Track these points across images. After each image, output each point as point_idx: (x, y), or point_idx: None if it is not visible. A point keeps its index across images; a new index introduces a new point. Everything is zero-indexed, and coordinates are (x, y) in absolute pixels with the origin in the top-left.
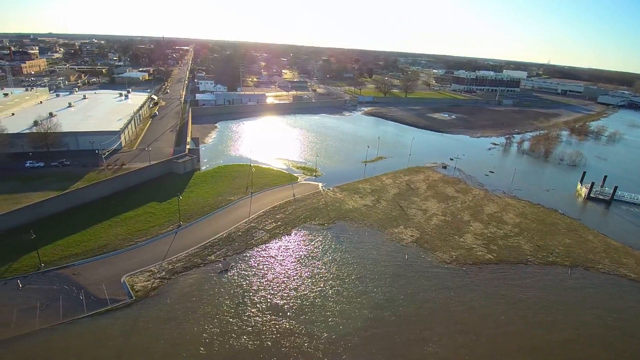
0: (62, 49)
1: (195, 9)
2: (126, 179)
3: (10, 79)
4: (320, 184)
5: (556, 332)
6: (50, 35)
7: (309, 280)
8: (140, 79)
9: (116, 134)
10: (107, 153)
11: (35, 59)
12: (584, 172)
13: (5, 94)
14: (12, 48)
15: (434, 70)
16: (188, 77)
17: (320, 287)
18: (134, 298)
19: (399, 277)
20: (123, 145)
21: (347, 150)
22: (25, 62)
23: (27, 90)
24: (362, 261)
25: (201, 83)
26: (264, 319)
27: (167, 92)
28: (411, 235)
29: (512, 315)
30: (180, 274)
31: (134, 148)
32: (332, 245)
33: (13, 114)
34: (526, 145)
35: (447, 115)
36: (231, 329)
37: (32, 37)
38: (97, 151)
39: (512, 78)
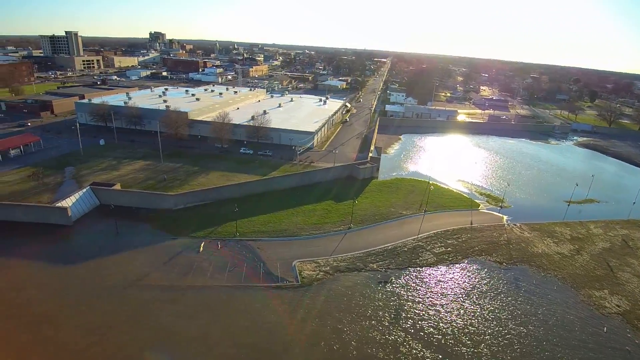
0: (280, 58)
1: (393, 23)
2: (312, 176)
3: (240, 79)
4: (505, 217)
5: None
6: (273, 45)
7: (467, 318)
8: (339, 87)
9: (311, 134)
10: (301, 150)
11: (260, 64)
12: None
13: (235, 92)
14: (245, 55)
15: None
16: (381, 88)
17: (477, 330)
18: (300, 283)
19: (589, 352)
20: (314, 145)
21: (546, 185)
22: (252, 67)
23: (250, 90)
24: (541, 318)
25: (392, 94)
26: (407, 341)
27: (360, 101)
28: (617, 305)
29: None
30: (342, 273)
31: (323, 149)
32: (507, 290)
33: (238, 109)
34: None
35: None
36: (371, 338)
37: (260, 46)
38: (293, 147)
39: None
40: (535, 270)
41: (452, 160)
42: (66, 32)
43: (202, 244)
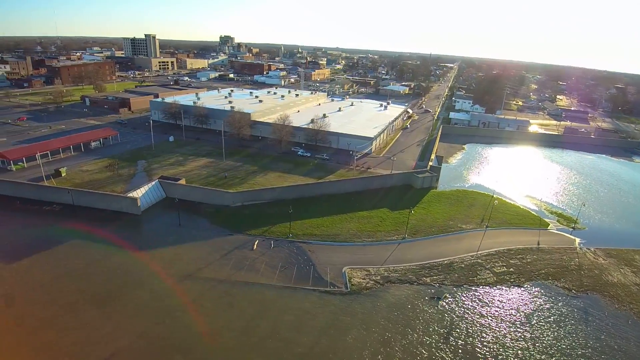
0: (343, 62)
1: (464, 26)
2: (368, 182)
3: (302, 83)
4: (577, 240)
5: None
6: (337, 49)
7: (524, 344)
8: (401, 92)
9: (370, 139)
10: (358, 155)
11: (322, 68)
12: None
13: (297, 95)
14: (309, 59)
15: None
16: (446, 95)
17: (535, 358)
18: (349, 290)
19: None
20: (372, 150)
21: (627, 207)
22: (314, 71)
23: (311, 93)
24: (608, 353)
25: (458, 102)
26: None
27: (422, 107)
28: None
29: None
30: (392, 284)
31: (381, 155)
32: (573, 319)
33: (298, 111)
34: None
35: None
36: (417, 353)
37: (323, 50)
38: (351, 152)
39: None
40: (607, 301)
41: (521, 174)
42: (145, 35)
43: (256, 242)
